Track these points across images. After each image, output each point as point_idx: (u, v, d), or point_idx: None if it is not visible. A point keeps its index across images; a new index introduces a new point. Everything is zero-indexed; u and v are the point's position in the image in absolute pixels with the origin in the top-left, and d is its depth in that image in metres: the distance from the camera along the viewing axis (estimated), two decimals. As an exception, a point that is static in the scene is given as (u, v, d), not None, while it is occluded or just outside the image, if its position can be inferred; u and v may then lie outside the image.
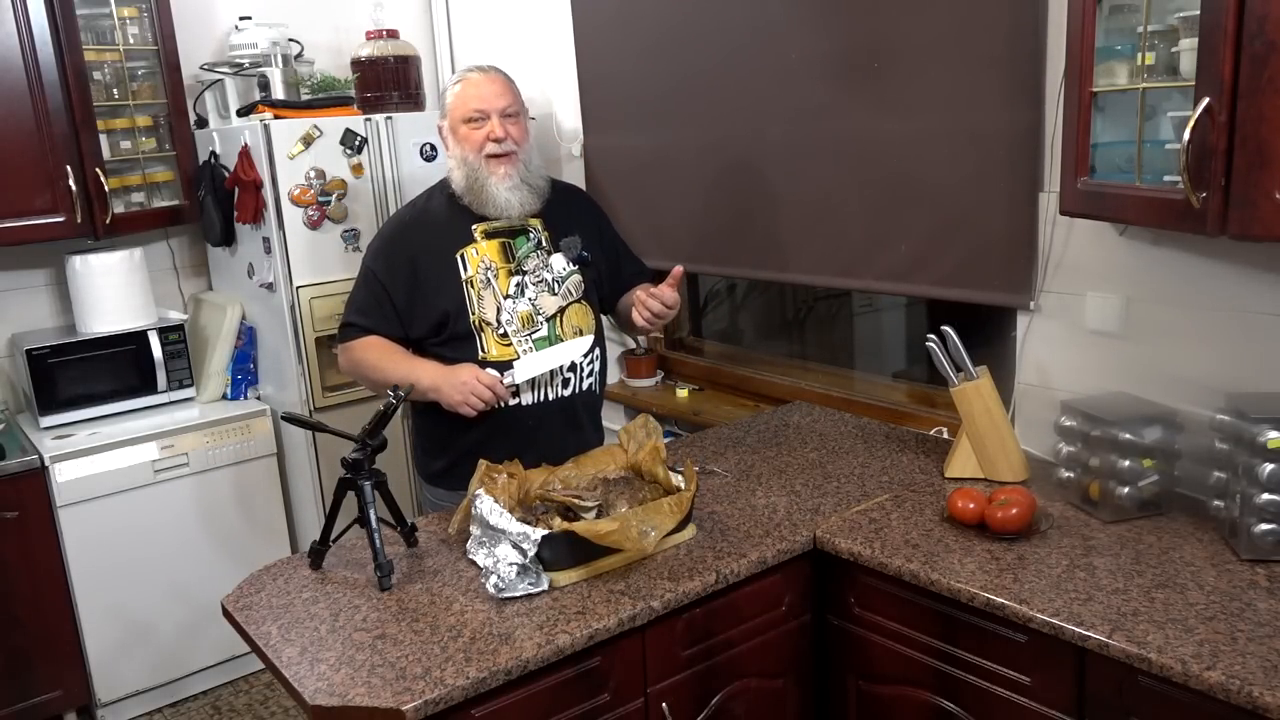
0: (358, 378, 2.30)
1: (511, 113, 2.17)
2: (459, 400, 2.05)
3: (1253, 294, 1.87)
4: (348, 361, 2.24)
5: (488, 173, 2.14)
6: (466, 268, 2.16)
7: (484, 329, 2.16)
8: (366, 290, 2.20)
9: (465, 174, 2.16)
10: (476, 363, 2.14)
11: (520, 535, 1.73)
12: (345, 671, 1.54)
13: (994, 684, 1.70)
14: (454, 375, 2.07)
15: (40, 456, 2.85)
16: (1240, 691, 1.35)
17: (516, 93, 2.21)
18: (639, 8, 3.06)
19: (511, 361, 2.14)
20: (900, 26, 2.37)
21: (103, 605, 2.99)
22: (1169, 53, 1.65)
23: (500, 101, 2.15)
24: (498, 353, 2.16)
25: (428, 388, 2.08)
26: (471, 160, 2.15)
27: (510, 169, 2.15)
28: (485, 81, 2.17)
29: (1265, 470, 1.63)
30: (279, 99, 3.22)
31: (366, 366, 2.18)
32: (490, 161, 2.14)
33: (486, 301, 2.16)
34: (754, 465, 2.31)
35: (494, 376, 2.08)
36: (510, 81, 2.22)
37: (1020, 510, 1.83)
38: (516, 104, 2.19)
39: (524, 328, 2.17)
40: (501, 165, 2.14)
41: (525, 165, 2.18)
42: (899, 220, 2.48)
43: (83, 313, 3.13)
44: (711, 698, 1.85)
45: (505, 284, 2.18)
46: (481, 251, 2.18)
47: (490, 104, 2.14)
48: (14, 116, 2.85)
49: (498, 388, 2.07)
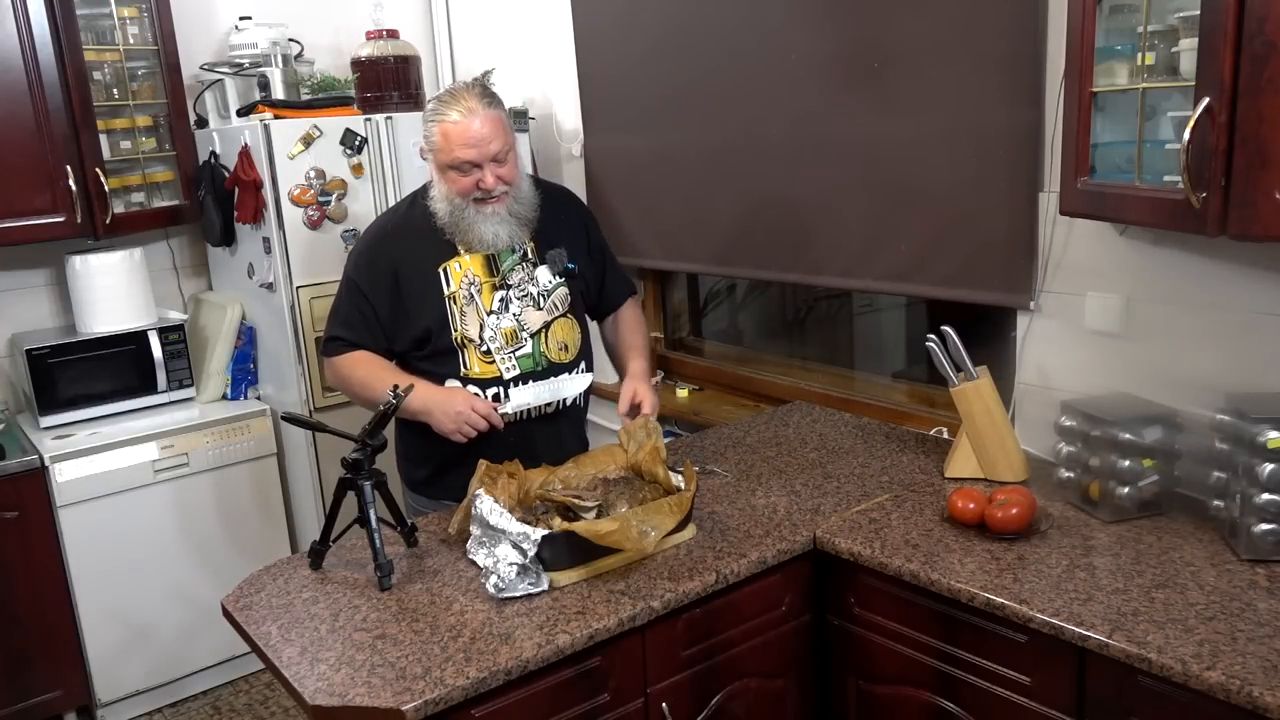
0: (345, 393, 2.24)
1: (503, 155, 2.05)
2: (451, 429, 2.03)
3: (1253, 294, 1.86)
4: (334, 377, 2.20)
5: (475, 212, 2.08)
6: (449, 283, 2.12)
7: (466, 345, 2.12)
8: (350, 302, 2.15)
9: (449, 211, 2.09)
10: (459, 379, 2.11)
11: (520, 535, 1.73)
12: (345, 671, 1.54)
13: (994, 684, 1.70)
14: (448, 403, 2.04)
15: (40, 456, 2.85)
16: (1240, 691, 1.35)
17: (506, 125, 2.06)
18: (639, 8, 3.06)
19: (500, 381, 2.12)
20: (900, 27, 2.37)
21: (103, 605, 2.99)
22: (1169, 53, 1.65)
23: (492, 148, 2.02)
24: (480, 370, 2.12)
25: (418, 410, 2.04)
26: (458, 203, 2.07)
27: (499, 207, 2.08)
28: (475, 125, 2.00)
29: (1265, 470, 1.63)
30: (279, 99, 3.22)
31: (355, 383, 2.14)
32: (477, 203, 2.07)
33: (469, 318, 2.11)
34: (754, 465, 2.31)
35: (489, 406, 2.05)
36: (499, 113, 2.05)
37: (1020, 510, 1.83)
38: (508, 141, 2.06)
39: (508, 344, 2.13)
40: (489, 205, 2.08)
41: (515, 199, 2.11)
42: (899, 220, 2.48)
43: (83, 313, 3.13)
44: (711, 698, 1.85)
45: (489, 299, 2.13)
46: (465, 265, 2.12)
47: (482, 153, 2.02)
48: (14, 116, 2.85)
49: (492, 417, 2.04)
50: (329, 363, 2.20)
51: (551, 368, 2.18)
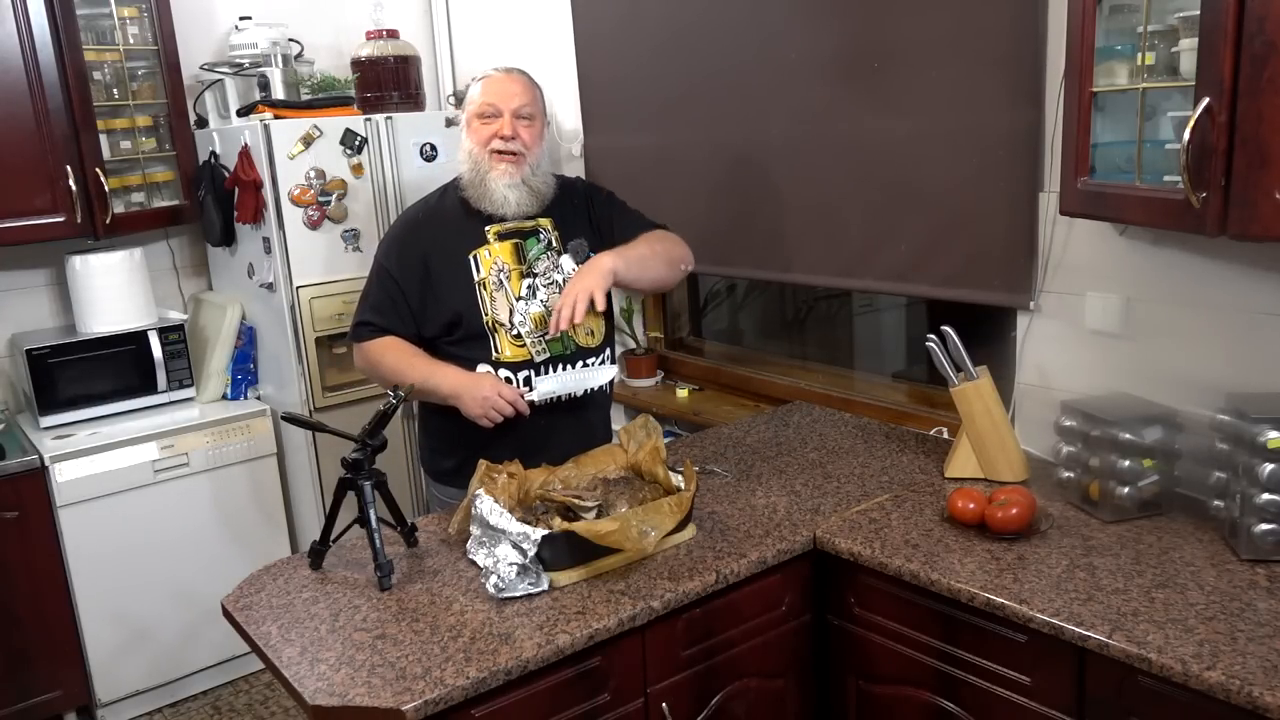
0: (374, 378, 2.29)
1: (526, 114, 2.16)
2: (479, 413, 2.06)
3: (1253, 294, 1.86)
4: (363, 361, 2.23)
5: (489, 166, 2.14)
6: (479, 269, 2.16)
7: (497, 330, 2.15)
8: (380, 288, 2.19)
9: (470, 166, 2.17)
10: (490, 363, 2.14)
11: (520, 535, 1.73)
12: (345, 671, 1.54)
13: (994, 684, 1.70)
14: (476, 387, 2.07)
15: (40, 456, 2.85)
16: (1240, 691, 1.35)
17: (536, 96, 2.20)
18: (640, 8, 3.06)
19: (530, 364, 2.15)
20: (900, 27, 2.37)
21: (103, 605, 2.99)
22: (1169, 53, 1.65)
23: (514, 101, 2.14)
24: (511, 353, 2.15)
25: (447, 394, 2.08)
26: (476, 153, 2.15)
27: (513, 168, 2.14)
28: (505, 80, 2.17)
29: (1265, 470, 1.63)
30: (279, 99, 3.22)
31: (385, 368, 2.17)
32: (494, 156, 2.14)
33: (499, 303, 2.15)
34: (754, 465, 2.31)
35: (515, 392, 2.08)
36: (532, 85, 2.20)
37: (1020, 510, 1.83)
38: (533, 106, 2.18)
39: (537, 329, 2.17)
40: (504, 162, 2.14)
41: (531, 168, 2.17)
42: (899, 220, 2.48)
43: (83, 313, 3.13)
44: (711, 698, 1.85)
45: (518, 285, 2.17)
46: (494, 253, 2.17)
47: (504, 102, 2.14)
48: (14, 116, 2.85)
49: (519, 403, 2.07)
50: (358, 348, 2.22)
51: (580, 351, 2.21)
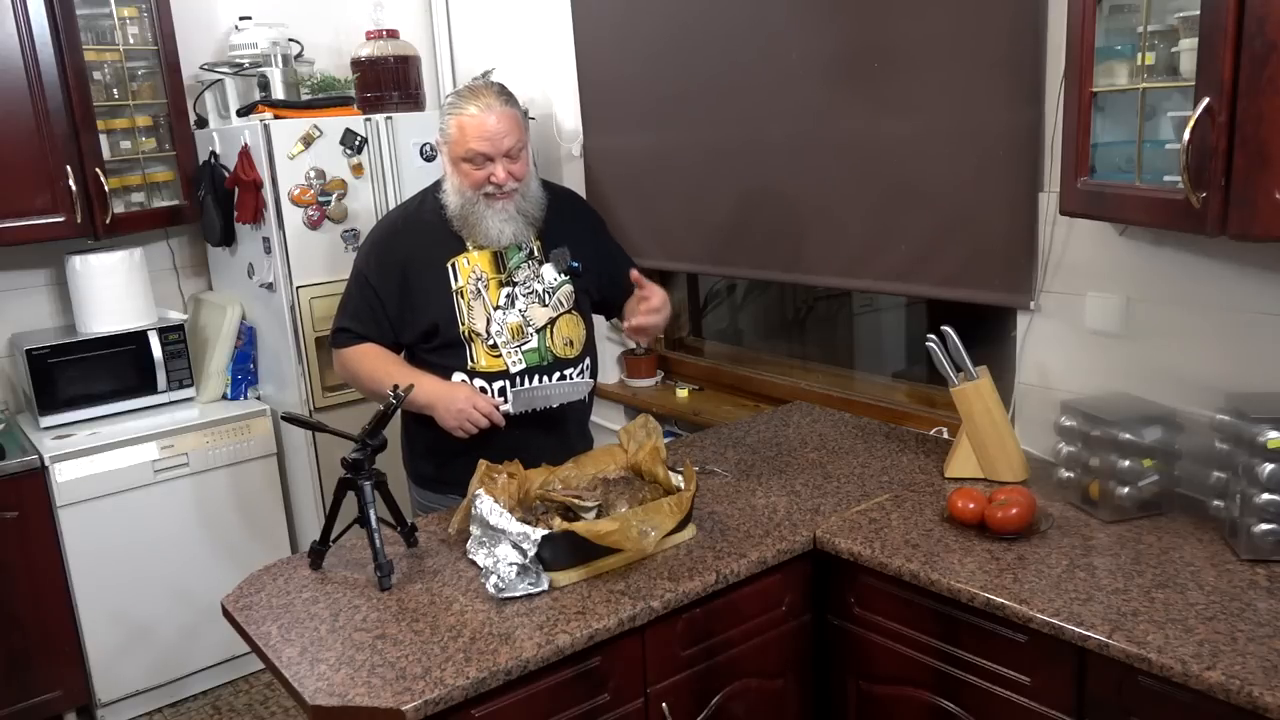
0: (352, 384, 2.30)
1: (516, 152, 2.08)
2: (453, 425, 2.07)
3: (1253, 294, 1.86)
4: (342, 368, 2.24)
5: (484, 207, 2.11)
6: (457, 277, 2.15)
7: (473, 339, 2.15)
8: (359, 295, 2.20)
9: (460, 204, 2.13)
10: (465, 372, 2.14)
11: (520, 535, 1.73)
12: (345, 671, 1.54)
13: (994, 684, 1.70)
14: (451, 399, 2.07)
15: (40, 456, 2.85)
16: (1240, 691, 1.35)
17: (519, 122, 2.11)
18: (639, 8, 3.06)
19: (506, 375, 2.15)
20: (900, 27, 2.37)
21: (103, 605, 2.99)
22: (1169, 53, 1.65)
23: (506, 143, 2.06)
24: (487, 363, 2.15)
25: (423, 405, 2.08)
26: (469, 195, 2.11)
27: (508, 203, 2.12)
28: (488, 119, 2.04)
29: (1265, 470, 1.63)
30: (279, 99, 3.22)
31: (363, 376, 2.18)
32: (487, 198, 2.11)
33: (476, 312, 2.15)
34: (754, 465, 2.31)
35: (490, 404, 2.08)
36: (513, 110, 2.10)
37: (1020, 510, 1.83)
38: (520, 136, 2.10)
39: (514, 339, 2.16)
40: (499, 200, 2.11)
41: (523, 197, 2.14)
42: (899, 220, 2.48)
43: (83, 313, 3.13)
44: (711, 698, 1.85)
45: (496, 294, 2.16)
46: (473, 261, 2.16)
47: (496, 147, 2.06)
48: (14, 116, 2.85)
49: (494, 415, 2.08)
50: (337, 354, 2.24)
51: (557, 362, 2.20)
